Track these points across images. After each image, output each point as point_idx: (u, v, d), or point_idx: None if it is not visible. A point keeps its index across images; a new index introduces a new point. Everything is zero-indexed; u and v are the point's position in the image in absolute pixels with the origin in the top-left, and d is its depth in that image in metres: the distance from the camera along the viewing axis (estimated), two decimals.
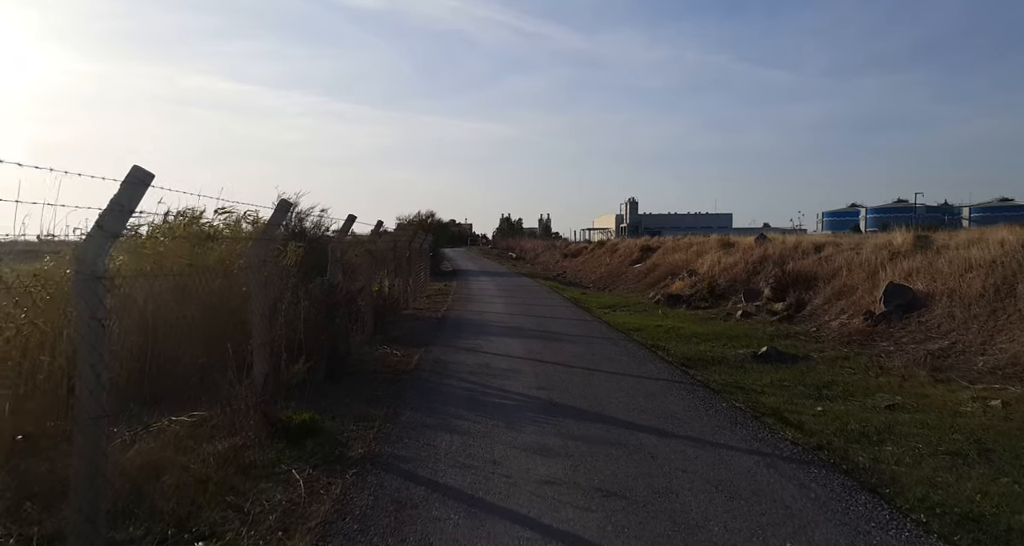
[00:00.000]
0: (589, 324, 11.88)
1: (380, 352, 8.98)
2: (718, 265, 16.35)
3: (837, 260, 12.59)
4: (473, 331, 10.88)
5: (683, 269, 18.49)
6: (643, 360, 8.11)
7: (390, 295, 12.98)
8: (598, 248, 33.41)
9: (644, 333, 10.86)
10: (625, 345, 9.29)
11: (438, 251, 30.80)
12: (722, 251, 17.50)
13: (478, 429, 5.03)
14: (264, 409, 5.06)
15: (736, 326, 11.65)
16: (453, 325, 11.79)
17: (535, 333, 10.58)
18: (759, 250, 15.55)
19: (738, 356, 8.77)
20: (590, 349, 8.93)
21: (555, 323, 11.92)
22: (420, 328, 11.52)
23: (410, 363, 8.09)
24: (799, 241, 15.45)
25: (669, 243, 24.68)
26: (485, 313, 13.60)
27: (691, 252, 19.78)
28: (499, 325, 11.68)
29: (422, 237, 20.45)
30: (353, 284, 11.00)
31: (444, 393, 6.34)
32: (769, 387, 7.02)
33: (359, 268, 10.56)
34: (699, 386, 6.68)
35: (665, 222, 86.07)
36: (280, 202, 5.21)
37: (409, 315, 13.52)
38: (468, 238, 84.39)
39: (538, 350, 8.77)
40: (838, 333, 9.86)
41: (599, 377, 7.03)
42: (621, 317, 13.23)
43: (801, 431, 5.26)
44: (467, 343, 9.56)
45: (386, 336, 10.33)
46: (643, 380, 6.89)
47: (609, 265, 28.29)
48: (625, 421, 5.26)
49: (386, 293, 11.86)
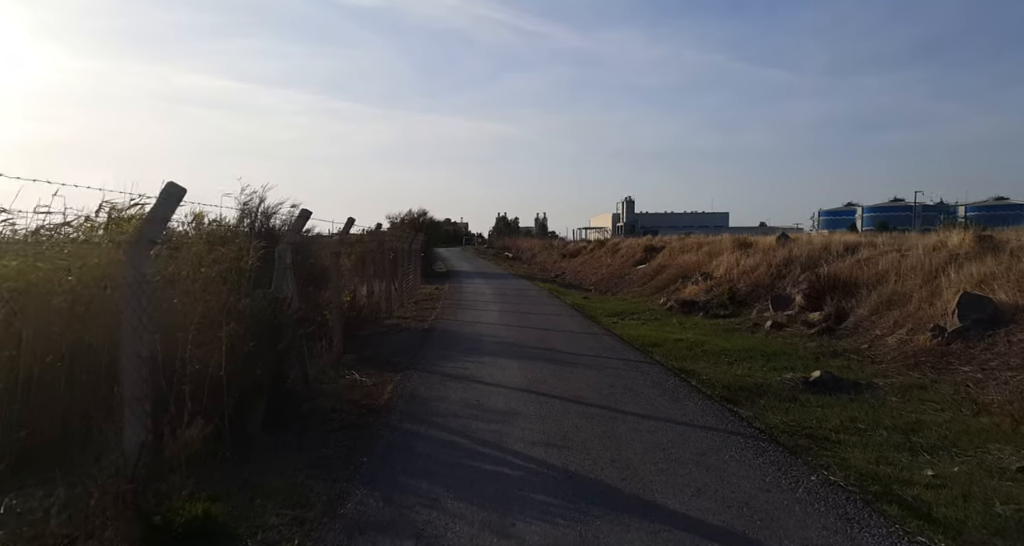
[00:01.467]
0: (598, 338, 10.11)
1: (347, 380, 7.20)
2: (736, 268, 14.61)
3: (880, 263, 10.86)
4: (463, 348, 9.10)
5: (695, 271, 16.75)
6: (675, 393, 6.35)
7: (369, 304, 11.19)
8: (598, 248, 31.65)
9: (664, 350, 9.11)
10: (647, 370, 7.52)
11: (430, 251, 29.00)
12: (739, 252, 15.76)
13: (459, 539, 3.24)
14: (134, 498, 3.28)
15: (769, 341, 9.90)
16: (441, 339, 10.01)
17: (536, 352, 8.81)
18: (783, 251, 13.81)
19: (785, 383, 7.03)
20: (606, 376, 7.16)
21: (559, 338, 10.14)
22: (402, 343, 9.74)
23: (380, 397, 6.32)
24: (827, 241, 13.73)
25: (675, 243, 22.94)
26: (478, 323, 11.82)
27: (702, 253, 18.03)
28: (494, 340, 9.90)
29: (411, 236, 18.65)
30: (321, 294, 9.22)
31: (416, 454, 4.55)
32: (843, 432, 5.29)
33: (335, 274, 8.79)
34: (763, 439, 4.91)
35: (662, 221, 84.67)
36: (165, 188, 3.42)
37: (392, 326, 11.73)
38: (463, 237, 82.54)
39: (542, 378, 7.00)
40: (898, 352, 8.12)
41: (626, 424, 5.26)
42: (633, 328, 11.47)
43: (932, 523, 3.51)
44: (455, 366, 7.78)
45: (359, 356, 8.55)
46: (686, 430, 5.12)
47: (611, 266, 26.54)
48: (683, 517, 3.47)
49: (361, 303, 10.08)
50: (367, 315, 10.54)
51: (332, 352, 8.22)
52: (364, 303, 10.64)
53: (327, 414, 5.79)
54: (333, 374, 7.45)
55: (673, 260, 20.17)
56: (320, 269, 10.16)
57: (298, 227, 6.19)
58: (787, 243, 14.76)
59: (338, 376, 7.38)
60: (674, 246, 22.81)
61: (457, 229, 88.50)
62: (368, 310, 11.02)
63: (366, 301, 10.93)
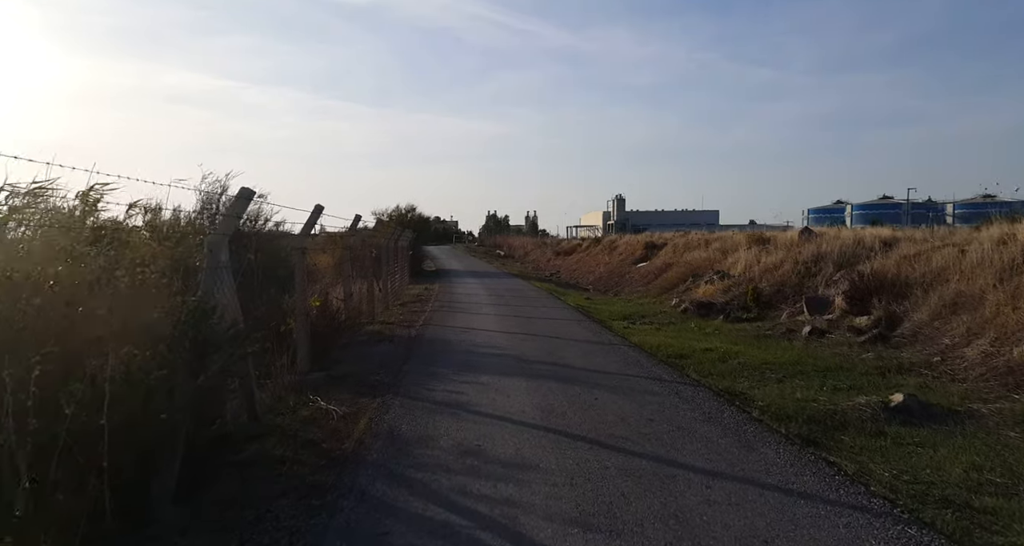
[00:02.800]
0: (615, 349, 8.54)
1: (311, 409, 5.60)
2: (757, 265, 13.10)
3: (934, 260, 9.39)
4: (457, 363, 7.50)
5: (707, 270, 15.24)
6: (740, 432, 4.78)
7: (347, 308, 9.55)
8: (594, 246, 30.10)
9: (696, 363, 7.58)
10: (690, 394, 5.96)
11: (419, 249, 27.32)
12: (757, 248, 14.26)
13: None
14: None
15: (813, 350, 8.39)
16: (430, 351, 8.39)
17: (545, 367, 7.23)
18: (809, 247, 12.31)
19: (861, 410, 5.50)
20: (641, 404, 5.59)
21: (569, 348, 8.56)
22: (384, 356, 8.12)
23: (349, 437, 4.73)
24: (859, 235, 12.26)
25: (679, 240, 21.45)
26: (472, 330, 10.22)
27: (713, 250, 16.51)
28: (492, 351, 8.30)
29: (397, 233, 17.00)
30: (286, 300, 7.57)
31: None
32: (982, 493, 3.77)
33: (299, 275, 7.18)
34: (897, 514, 3.35)
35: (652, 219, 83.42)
36: None
37: (374, 333, 10.10)
38: (454, 235, 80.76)
39: (559, 408, 5.41)
40: (986, 368, 6.63)
41: (691, 488, 3.67)
42: (649, 335, 9.92)
43: None
44: (446, 389, 6.18)
45: (330, 374, 6.94)
46: (781, 500, 3.54)
47: (609, 264, 25.01)
48: None
49: (337, 308, 8.44)
50: (344, 322, 8.90)
51: (295, 371, 6.60)
52: (340, 308, 9.00)
53: (274, 466, 4.19)
54: (294, 401, 5.84)
55: (679, 258, 18.66)
56: (290, 270, 8.53)
57: (237, 211, 4.56)
58: (811, 238, 13.28)
59: (300, 403, 5.78)
60: (678, 243, 21.32)
61: (447, 227, 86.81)
62: (346, 316, 9.39)
63: (343, 305, 9.29)
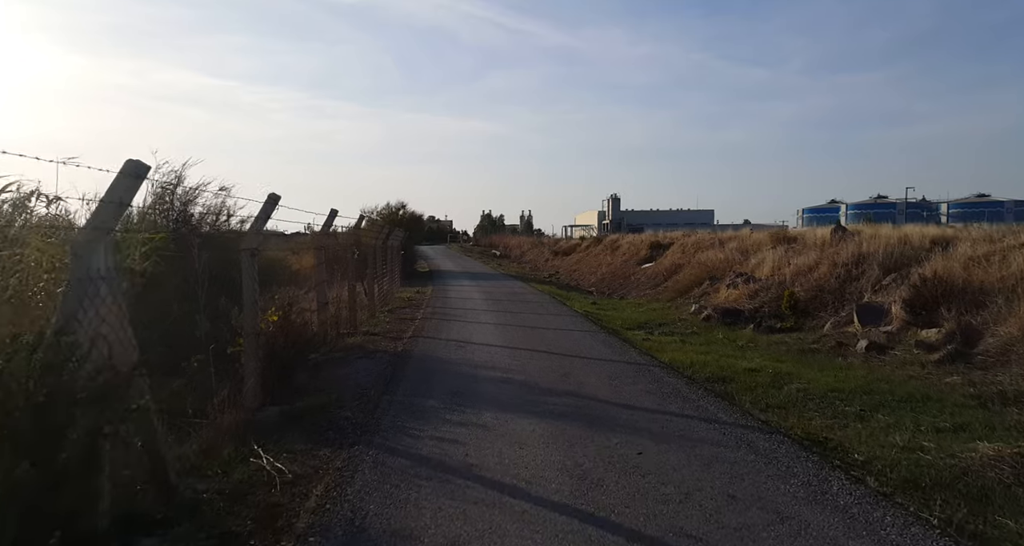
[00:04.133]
0: (643, 372, 6.99)
1: (249, 469, 4.02)
2: (787, 267, 11.59)
3: (1015, 262, 7.90)
4: (450, 391, 5.92)
5: (726, 272, 13.73)
6: (867, 520, 3.23)
7: (321, 319, 7.96)
8: (595, 245, 28.55)
9: (745, 390, 6.06)
10: (767, 447, 4.37)
11: (411, 249, 25.69)
12: (783, 248, 12.76)
13: None
14: None
15: (880, 372, 6.87)
16: (418, 373, 6.82)
17: (565, 402, 5.66)
18: (848, 247, 10.81)
19: (995, 467, 4.00)
20: (704, 466, 4.02)
21: (587, 371, 6.99)
22: (360, 380, 6.55)
23: (291, 527, 3.15)
24: (905, 234, 10.77)
25: (687, 239, 19.93)
26: (470, 345, 8.64)
27: (730, 250, 14.99)
28: (495, 374, 6.73)
29: (387, 232, 15.40)
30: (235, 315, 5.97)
31: None
32: None
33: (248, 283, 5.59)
34: None
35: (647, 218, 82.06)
36: None
37: (354, 347, 8.51)
38: (448, 235, 79.03)
39: (596, 473, 3.83)
40: None
41: None
42: (676, 349, 8.38)
43: None
44: (436, 437, 4.60)
45: (287, 408, 5.35)
46: None
47: (611, 265, 23.49)
48: None
49: (304, 321, 6.84)
50: (315, 337, 7.31)
51: (240, 407, 5.00)
52: (311, 320, 7.40)
53: None
54: (230, 453, 4.27)
55: (690, 258, 17.15)
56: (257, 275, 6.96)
57: (119, 195, 2.96)
58: (846, 237, 11.78)
59: (237, 458, 4.20)
60: (686, 243, 19.81)
61: (441, 226, 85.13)
62: (319, 328, 7.80)
63: (315, 317, 7.70)
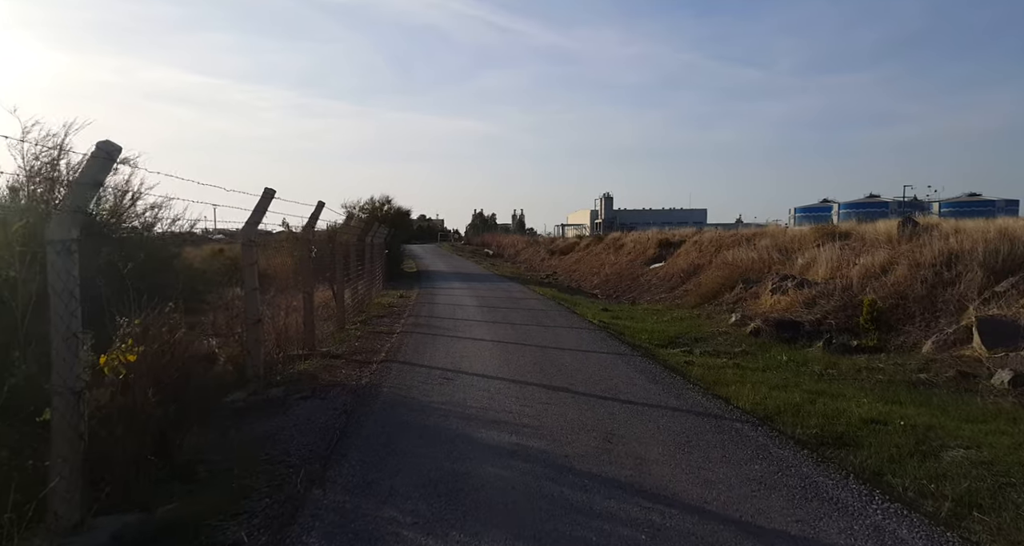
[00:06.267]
0: (728, 430, 4.62)
1: None
2: (850, 267, 9.31)
3: None
4: (425, 483, 3.51)
5: (764, 273, 11.43)
6: None
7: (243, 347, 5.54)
8: (595, 244, 26.22)
9: (883, 461, 3.72)
10: None
11: (398, 248, 23.21)
12: (836, 245, 10.47)
13: None
14: None
15: None
16: (379, 436, 4.38)
17: (622, 509, 3.27)
18: (936, 245, 8.52)
19: None
20: None
21: (638, 427, 4.58)
22: (290, 448, 4.11)
23: None
24: (1004, 226, 8.52)
25: (704, 237, 17.66)
26: (459, 377, 6.24)
27: (764, 247, 12.67)
28: (497, 438, 4.31)
29: (368, 229, 12.96)
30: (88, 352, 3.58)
31: None
32: None
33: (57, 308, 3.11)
34: None
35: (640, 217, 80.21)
36: None
37: (304, 378, 6.08)
38: (439, 234, 76.49)
39: None
40: None
41: None
42: (738, 380, 6.03)
43: None
44: None
45: (139, 522, 2.92)
46: None
47: (616, 265, 21.17)
48: None
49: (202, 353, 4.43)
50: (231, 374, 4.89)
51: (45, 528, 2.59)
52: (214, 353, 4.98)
53: None
54: None
55: (711, 258, 14.86)
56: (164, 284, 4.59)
57: None
58: (919, 231, 9.52)
59: None
60: (700, 240, 17.55)
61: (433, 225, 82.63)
62: (251, 355, 5.37)
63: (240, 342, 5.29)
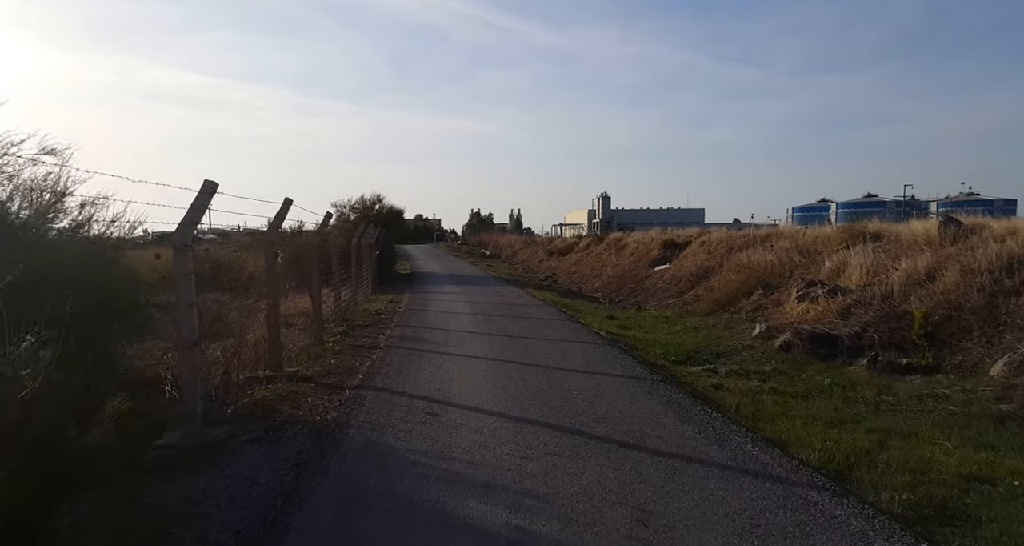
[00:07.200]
0: (797, 501, 3.55)
1: None
2: (889, 273, 8.26)
3: None
4: None
5: (785, 277, 10.38)
6: None
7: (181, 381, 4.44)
8: (595, 244, 25.15)
9: None
10: None
11: (390, 249, 22.10)
12: (868, 247, 9.41)
13: None
14: None
15: None
16: (337, 509, 3.28)
17: None
18: (990, 248, 7.47)
19: None
20: None
21: (677, 495, 3.47)
22: (207, 530, 3.04)
23: None
24: None
25: (711, 238, 16.60)
26: (447, 411, 5.14)
27: (783, 249, 11.62)
28: (492, 516, 3.19)
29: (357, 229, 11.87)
30: None
31: None
32: None
33: None
34: None
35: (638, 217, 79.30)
36: None
37: (259, 410, 4.97)
38: (435, 233, 75.24)
39: None
40: None
41: None
42: (783, 415, 4.95)
43: None
44: None
45: None
46: None
47: (618, 267, 20.10)
48: None
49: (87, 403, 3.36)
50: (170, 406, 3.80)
51: None
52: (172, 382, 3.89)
53: None
54: None
55: (722, 260, 13.81)
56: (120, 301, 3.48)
57: None
58: (964, 232, 8.47)
59: None
60: (708, 241, 16.50)
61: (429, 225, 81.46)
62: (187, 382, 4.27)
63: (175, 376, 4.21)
